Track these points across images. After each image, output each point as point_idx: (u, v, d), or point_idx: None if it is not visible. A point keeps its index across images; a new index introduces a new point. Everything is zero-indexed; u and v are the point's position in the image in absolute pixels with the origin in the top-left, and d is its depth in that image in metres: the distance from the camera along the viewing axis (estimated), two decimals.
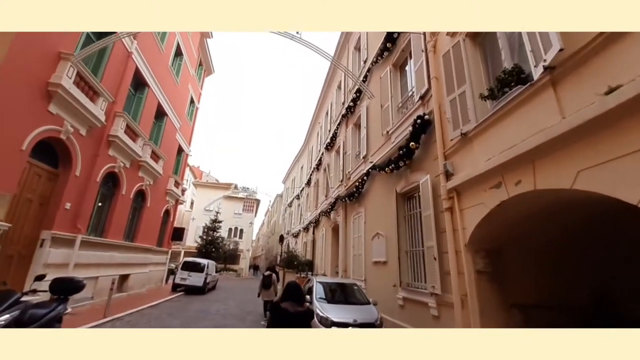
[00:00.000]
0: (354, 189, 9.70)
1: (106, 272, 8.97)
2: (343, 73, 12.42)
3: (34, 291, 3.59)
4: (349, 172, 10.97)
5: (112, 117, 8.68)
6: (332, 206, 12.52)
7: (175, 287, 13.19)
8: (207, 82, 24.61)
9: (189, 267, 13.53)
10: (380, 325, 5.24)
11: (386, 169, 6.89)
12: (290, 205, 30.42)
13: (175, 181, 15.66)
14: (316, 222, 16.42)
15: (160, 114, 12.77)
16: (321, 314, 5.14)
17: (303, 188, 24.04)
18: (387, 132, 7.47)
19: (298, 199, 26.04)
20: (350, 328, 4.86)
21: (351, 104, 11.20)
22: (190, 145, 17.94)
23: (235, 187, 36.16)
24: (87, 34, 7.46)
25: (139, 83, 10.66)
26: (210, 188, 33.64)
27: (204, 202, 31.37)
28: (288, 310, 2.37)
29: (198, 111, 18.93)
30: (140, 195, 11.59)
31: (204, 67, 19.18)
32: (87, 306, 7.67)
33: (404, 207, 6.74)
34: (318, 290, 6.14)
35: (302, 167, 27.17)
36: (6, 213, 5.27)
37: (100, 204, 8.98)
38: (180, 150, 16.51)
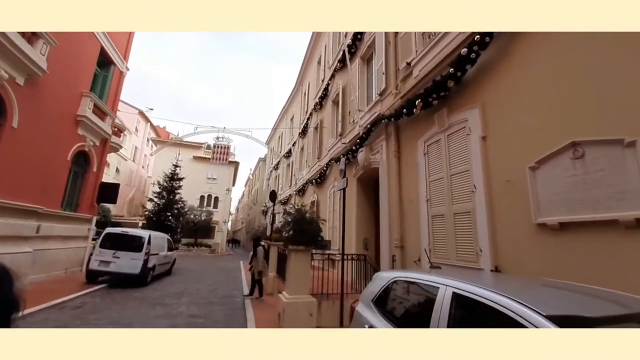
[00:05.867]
0: (438, 80, 4.55)
1: None
2: None
3: None
4: (410, 61, 5.70)
5: None
6: (361, 140, 7.35)
7: (93, 276, 7.77)
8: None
9: (116, 243, 7.99)
10: None
11: None
12: (277, 168, 24.92)
13: (97, 107, 9.68)
14: (320, 178, 11.28)
15: None
16: None
17: (295, 142, 18.59)
18: None
19: (287, 157, 20.61)
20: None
21: None
22: (127, 60, 11.71)
23: (208, 147, 29.56)
24: None
25: None
26: (175, 147, 26.76)
27: (168, 166, 24.72)
28: None
29: None
30: None
31: None
32: None
33: None
34: None
35: (291, 118, 21.54)
36: None
37: None
38: (107, 62, 10.38)
